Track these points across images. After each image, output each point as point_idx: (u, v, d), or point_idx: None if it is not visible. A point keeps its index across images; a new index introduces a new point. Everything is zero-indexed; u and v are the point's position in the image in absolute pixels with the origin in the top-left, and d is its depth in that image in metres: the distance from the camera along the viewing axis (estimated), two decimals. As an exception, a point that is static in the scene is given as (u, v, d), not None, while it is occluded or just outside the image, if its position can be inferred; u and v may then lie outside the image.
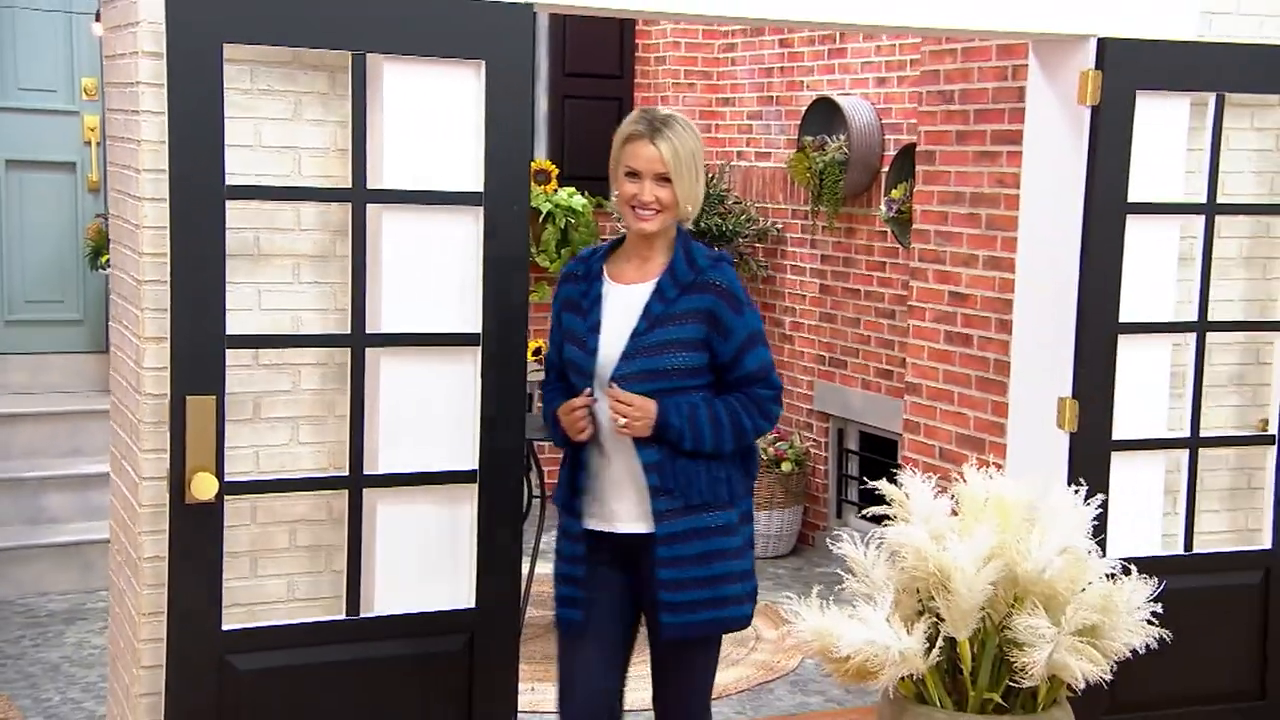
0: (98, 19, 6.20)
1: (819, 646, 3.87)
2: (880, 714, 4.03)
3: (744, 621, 3.33)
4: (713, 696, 3.45)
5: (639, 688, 3.46)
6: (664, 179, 3.11)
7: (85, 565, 5.76)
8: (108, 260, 6.14)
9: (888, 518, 4.05)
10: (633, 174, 3.16)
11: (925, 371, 4.89)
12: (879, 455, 6.21)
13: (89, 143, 6.50)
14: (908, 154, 5.80)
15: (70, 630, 5.32)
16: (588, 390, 3.21)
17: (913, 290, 4.98)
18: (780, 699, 4.86)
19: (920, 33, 4.50)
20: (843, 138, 6.22)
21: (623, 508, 3.25)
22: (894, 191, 5.87)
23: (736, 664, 5.13)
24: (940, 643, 3.84)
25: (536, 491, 5.51)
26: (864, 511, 4.32)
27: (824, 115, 6.37)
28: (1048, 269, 4.10)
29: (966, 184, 4.67)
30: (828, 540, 6.10)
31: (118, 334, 3.68)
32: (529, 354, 3.95)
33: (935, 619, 3.87)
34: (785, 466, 6.55)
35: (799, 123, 6.57)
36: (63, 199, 6.53)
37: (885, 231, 6.12)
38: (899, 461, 5.03)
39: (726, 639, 3.55)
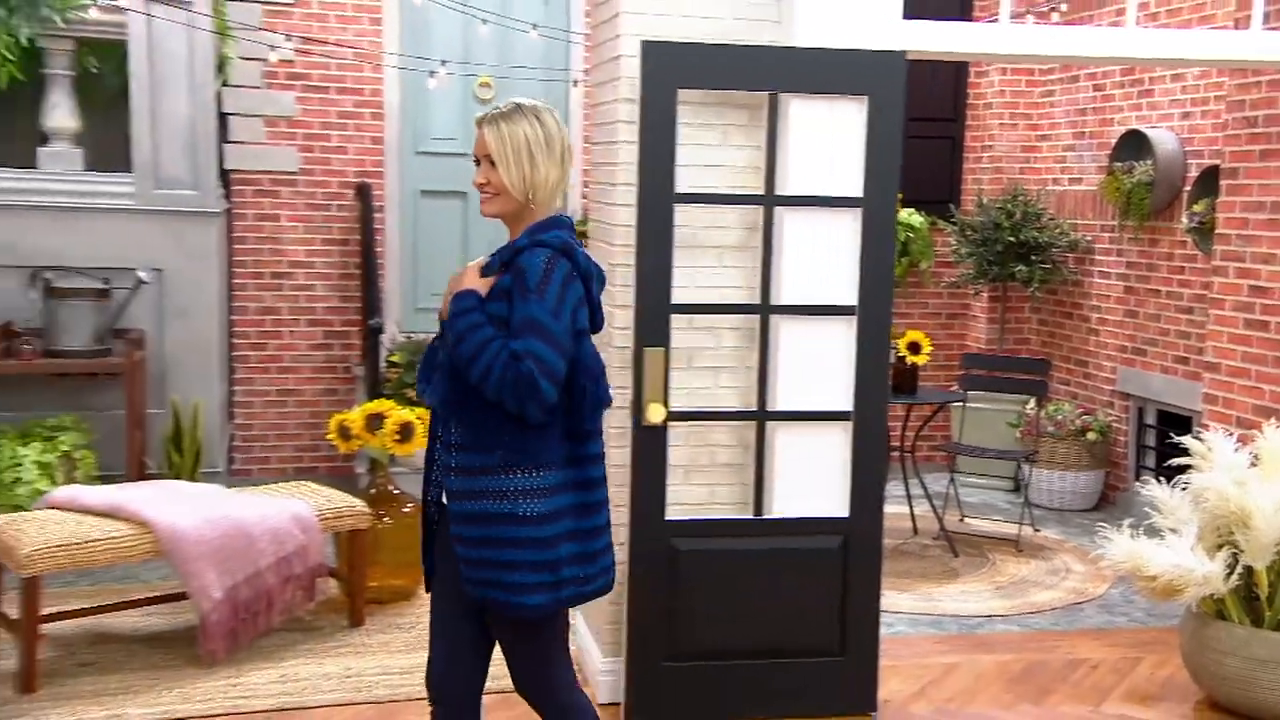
0: (576, 85, 6.66)
1: (1130, 566, 3.78)
2: (1183, 628, 3.88)
3: (530, 610, 2.47)
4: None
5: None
6: (492, 162, 2.48)
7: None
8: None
9: (1189, 468, 3.89)
10: (476, 160, 2.54)
11: (1225, 352, 4.61)
12: (1175, 429, 5.87)
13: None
14: (1209, 175, 5.47)
15: None
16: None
17: (1214, 285, 4.70)
18: (1090, 617, 4.70)
19: (1234, 66, 4.26)
20: (1149, 163, 5.92)
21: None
22: (1196, 206, 5.54)
23: (1050, 589, 5.00)
24: (1239, 570, 3.66)
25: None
26: (1168, 461, 4.15)
27: (1132, 145, 6.08)
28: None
29: (1268, 195, 4.39)
30: (1135, 486, 5.85)
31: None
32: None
33: (1234, 551, 3.69)
34: (1090, 436, 6.29)
35: (1109, 152, 6.30)
36: (454, 218, 6.73)
37: (1185, 240, 5.78)
38: (1197, 429, 4.76)
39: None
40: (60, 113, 5.21)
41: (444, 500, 2.56)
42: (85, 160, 5.33)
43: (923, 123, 7.14)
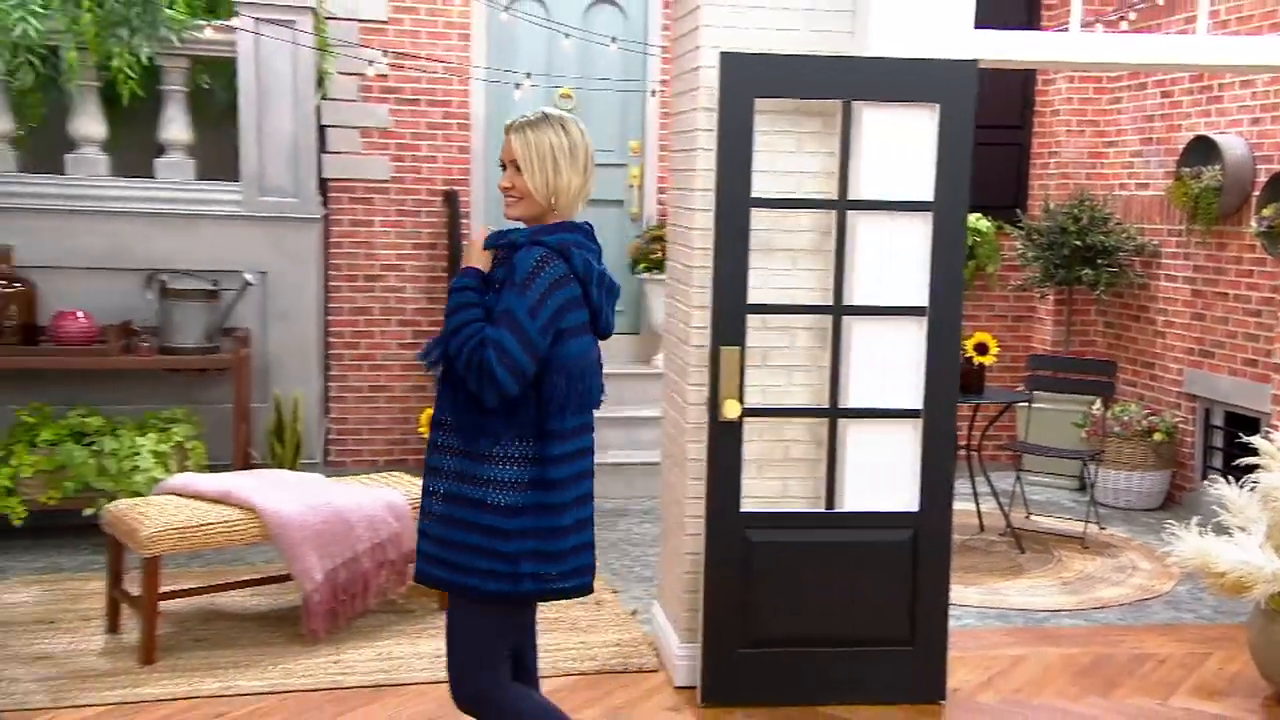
0: (651, 94, 6.72)
1: (1198, 563, 3.70)
2: (1252, 624, 3.79)
3: (480, 594, 2.46)
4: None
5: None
6: (518, 167, 2.50)
7: (628, 480, 6.13)
8: (643, 267, 6.64)
9: (1257, 468, 3.80)
10: (502, 164, 2.56)
11: (1293, 354, 4.49)
12: (1242, 430, 5.72)
13: (632, 186, 6.99)
14: (1278, 180, 5.33)
15: (621, 521, 5.70)
16: None
17: (1283, 287, 4.58)
18: (1157, 613, 4.61)
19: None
20: (1217, 168, 5.78)
21: None
22: (1265, 210, 5.40)
23: (1117, 585, 4.91)
24: (1308, 568, 3.57)
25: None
26: (1235, 462, 4.05)
27: (1200, 151, 5.94)
28: None
29: (1337, 196, 4.26)
30: (1202, 486, 5.72)
31: (670, 306, 4.02)
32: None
33: (1303, 549, 3.60)
34: (1156, 436, 6.15)
35: (1177, 158, 6.16)
36: (613, 225, 6.95)
37: (1254, 244, 5.63)
38: (1266, 430, 4.63)
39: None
40: (175, 126, 5.39)
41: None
42: (197, 170, 5.49)
43: (990, 130, 7.03)
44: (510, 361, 2.37)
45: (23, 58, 4.87)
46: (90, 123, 5.28)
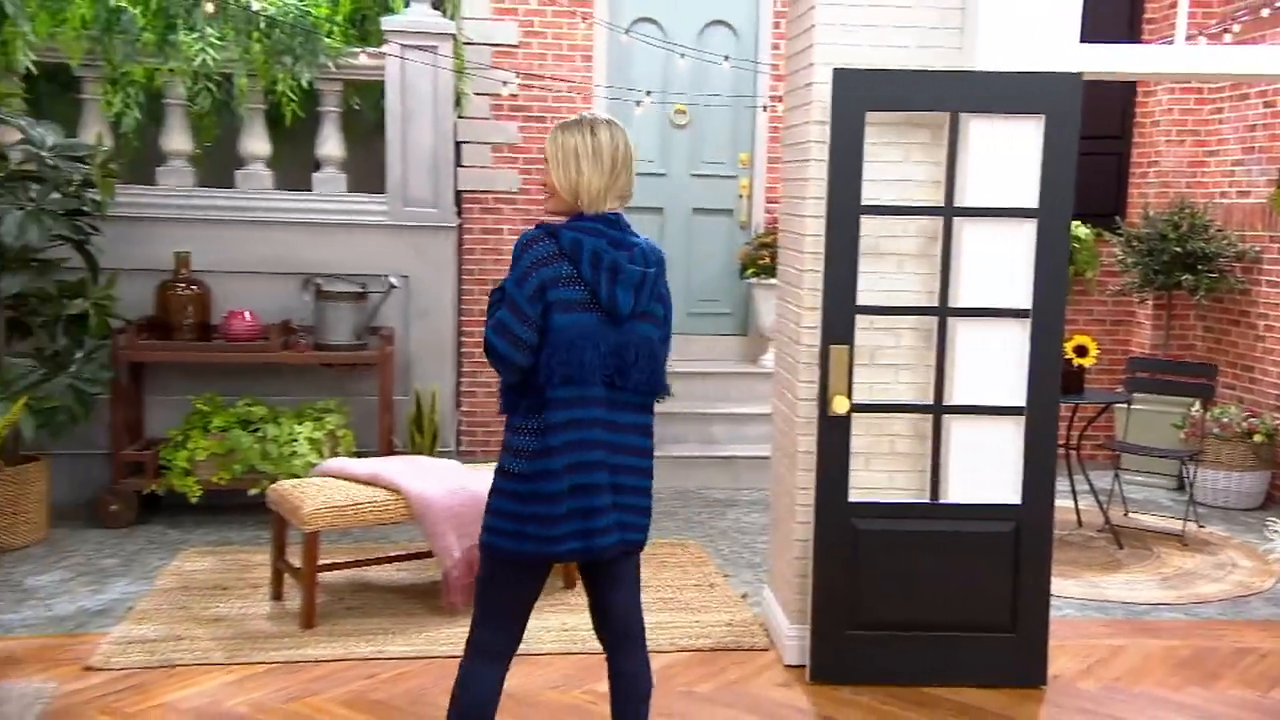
0: (763, 109, 6.74)
1: (1300, 560, 3.56)
2: (1355, 621, 3.64)
3: (488, 548, 2.57)
4: (640, 608, 2.74)
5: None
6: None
7: (735, 473, 6.17)
8: (752, 273, 6.66)
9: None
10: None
11: (1401, 357, 4.28)
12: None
13: (741, 196, 7.02)
14: (1386, 184, 5.08)
15: (729, 511, 5.72)
16: None
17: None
18: (1257, 609, 4.44)
19: None
20: (1322, 174, 5.54)
21: None
22: (1371, 215, 5.15)
23: (1217, 582, 4.75)
24: None
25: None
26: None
27: (1304, 157, 5.71)
28: None
29: None
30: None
31: (781, 307, 4.05)
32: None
33: None
34: (1257, 438, 5.92)
35: (1280, 165, 5.93)
36: (723, 233, 6.98)
37: (1360, 249, 5.38)
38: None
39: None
40: (330, 144, 5.63)
41: None
42: (348, 184, 5.73)
43: (1090, 140, 6.86)
44: (503, 330, 2.44)
45: (202, 84, 5.16)
46: (257, 142, 5.55)
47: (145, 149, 5.63)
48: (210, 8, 4.94)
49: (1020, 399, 3.58)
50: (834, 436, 3.56)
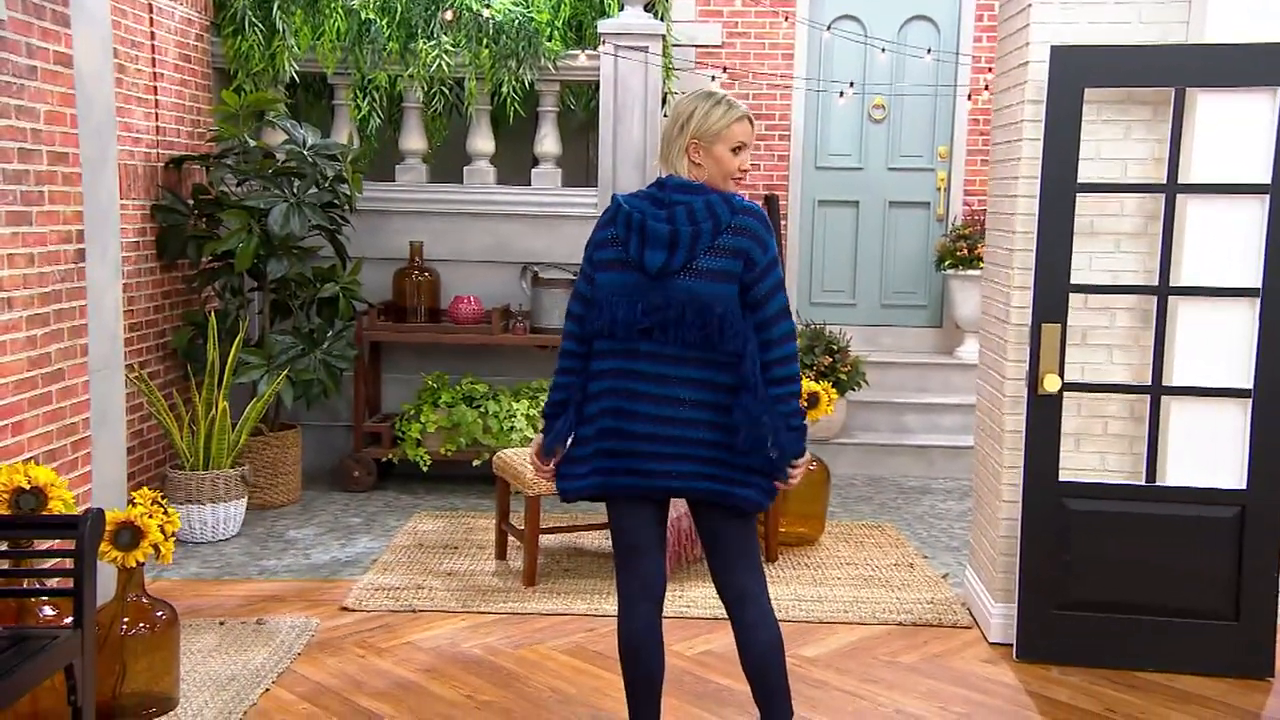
0: (969, 98, 6.64)
1: None
2: None
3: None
4: None
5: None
6: None
7: (930, 461, 6.09)
8: (948, 264, 6.55)
9: None
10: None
11: None
12: None
13: (938, 189, 6.92)
14: None
15: (924, 498, 5.65)
16: None
17: None
18: None
19: None
20: None
21: None
22: None
23: None
24: None
25: None
26: None
27: None
28: None
29: None
30: None
31: (988, 288, 3.99)
32: None
33: None
34: None
35: None
36: (919, 226, 6.97)
37: None
38: None
39: None
40: (548, 141, 5.92)
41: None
42: (562, 178, 6.02)
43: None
44: (575, 290, 2.64)
45: (436, 88, 5.55)
46: (482, 140, 5.91)
47: (384, 149, 6.10)
48: (449, 15, 5.31)
49: (1246, 381, 3.42)
50: (1044, 415, 3.49)
